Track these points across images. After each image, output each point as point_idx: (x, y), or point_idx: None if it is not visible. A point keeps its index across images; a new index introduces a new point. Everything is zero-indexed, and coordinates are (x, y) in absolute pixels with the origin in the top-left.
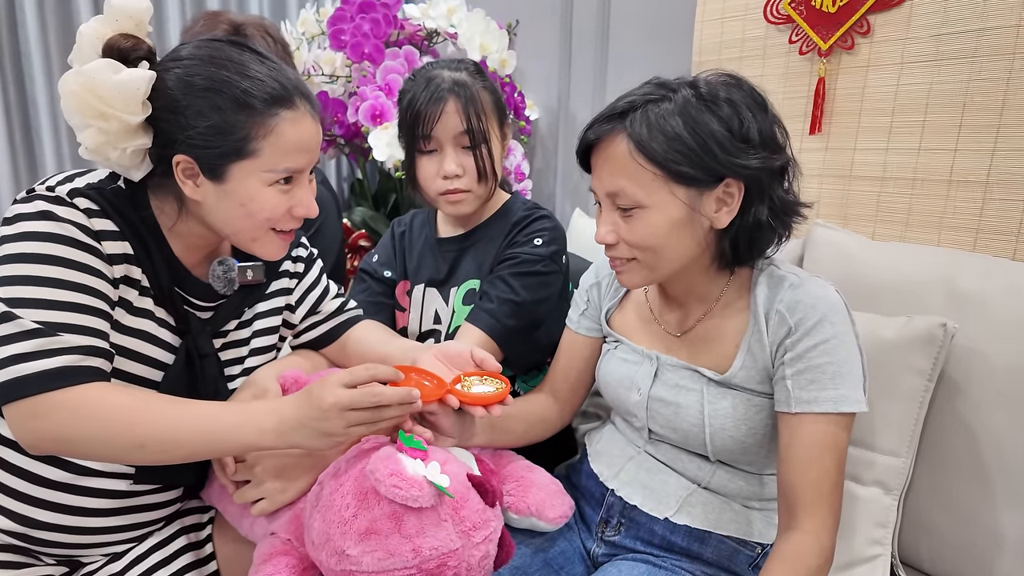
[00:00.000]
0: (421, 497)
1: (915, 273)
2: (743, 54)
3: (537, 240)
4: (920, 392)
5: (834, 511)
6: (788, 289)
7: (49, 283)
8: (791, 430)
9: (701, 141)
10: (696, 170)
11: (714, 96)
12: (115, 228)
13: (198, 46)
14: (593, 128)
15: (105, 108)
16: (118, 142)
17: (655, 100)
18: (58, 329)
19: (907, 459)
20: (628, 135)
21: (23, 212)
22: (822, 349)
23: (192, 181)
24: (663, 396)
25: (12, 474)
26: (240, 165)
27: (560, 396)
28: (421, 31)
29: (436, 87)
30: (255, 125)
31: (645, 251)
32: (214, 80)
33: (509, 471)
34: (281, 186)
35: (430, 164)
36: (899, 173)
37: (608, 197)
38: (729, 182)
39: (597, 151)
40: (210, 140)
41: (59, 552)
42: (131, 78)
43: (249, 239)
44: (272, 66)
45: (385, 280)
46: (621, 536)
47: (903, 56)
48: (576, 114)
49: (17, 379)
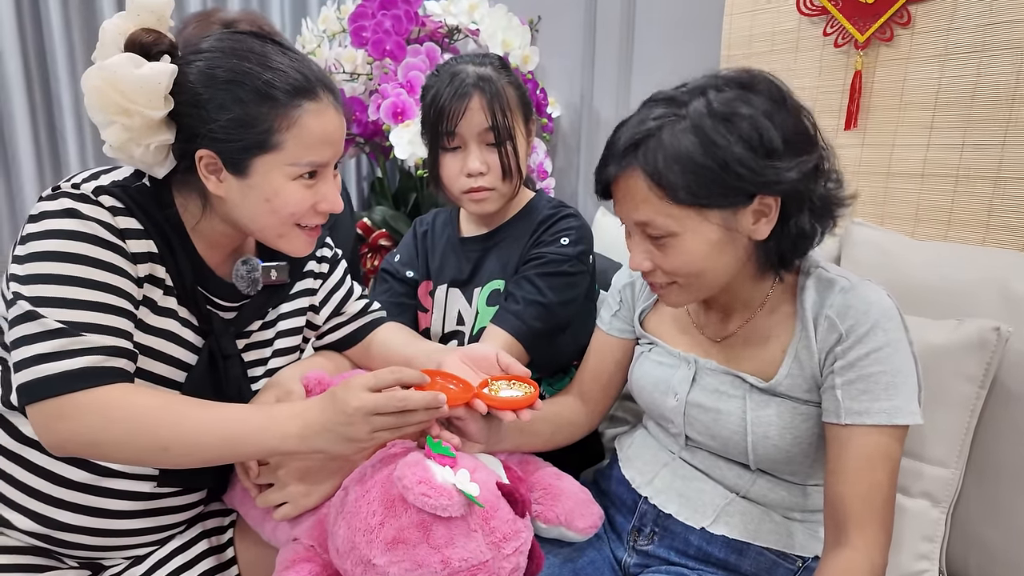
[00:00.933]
0: (451, 506)
1: (962, 274)
2: (774, 47)
3: (564, 239)
4: (971, 400)
5: (886, 527)
6: (838, 293)
7: (73, 282)
8: (840, 442)
9: (723, 164)
10: (724, 195)
11: (728, 111)
12: (140, 226)
13: (220, 38)
14: (607, 168)
15: (127, 104)
16: (141, 138)
17: (667, 123)
18: (81, 329)
19: (957, 470)
20: (644, 171)
21: (48, 210)
22: (875, 357)
23: (215, 176)
24: (702, 402)
25: (35, 474)
26: (263, 159)
27: (589, 399)
28: (442, 28)
29: (460, 82)
30: (278, 117)
31: (683, 275)
32: (236, 72)
33: (537, 478)
34: (305, 180)
35: (454, 162)
36: (941, 170)
37: (637, 226)
38: (763, 195)
39: (616, 185)
40: (232, 133)
41: (81, 554)
42: (153, 72)
43: (275, 236)
44: (295, 57)
45: (407, 280)
46: (654, 546)
47: (947, 47)
48: (600, 112)
49: (40, 379)
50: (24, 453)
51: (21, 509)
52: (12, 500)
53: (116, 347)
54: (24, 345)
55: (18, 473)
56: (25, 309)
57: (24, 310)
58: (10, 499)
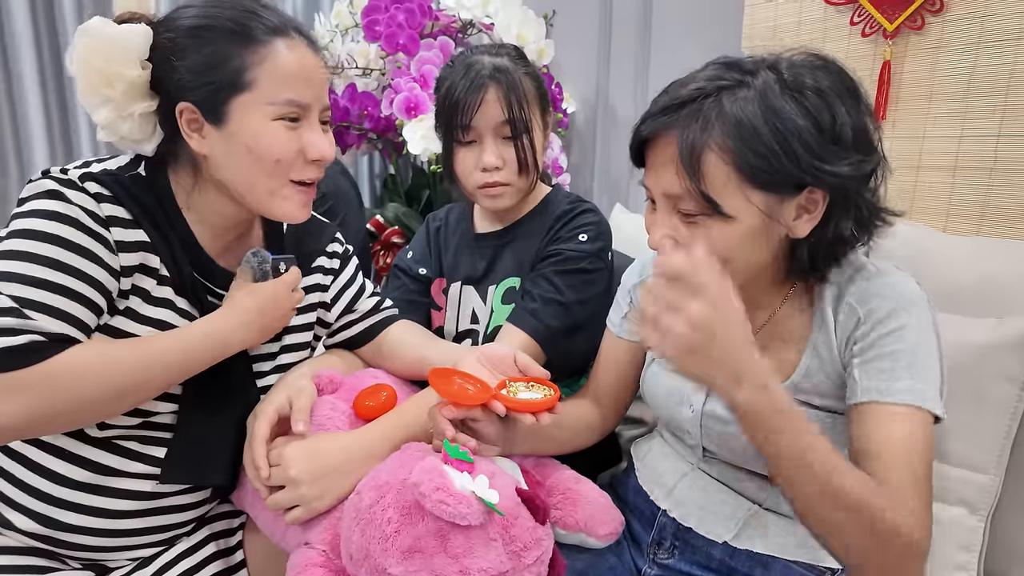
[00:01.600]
0: (470, 514)
1: (1001, 270)
2: (799, 38)
3: (582, 236)
4: (1012, 402)
5: (925, 502)
6: (861, 280)
7: (41, 261)
8: (861, 421)
9: (783, 140)
10: (776, 175)
11: (800, 82)
12: (127, 215)
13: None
14: (649, 122)
15: (107, 67)
16: (125, 107)
17: (728, 87)
18: (34, 308)
19: (996, 476)
20: (685, 135)
21: (34, 192)
22: (896, 336)
23: (198, 134)
24: (719, 412)
25: (36, 473)
26: (239, 100)
27: (603, 402)
28: (456, 22)
29: (476, 74)
30: (248, 53)
31: None
32: (204, 16)
33: (555, 483)
34: (287, 123)
35: (469, 156)
36: (974, 162)
37: (667, 199)
38: (813, 189)
39: (654, 147)
40: (204, 76)
41: (84, 555)
42: (128, 30)
43: (266, 193)
44: (271, 7)
45: (420, 277)
46: (675, 559)
47: (981, 35)
48: (616, 107)
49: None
50: (25, 451)
51: (22, 509)
52: (12, 500)
53: (64, 335)
54: None
55: (19, 472)
56: None
57: None
58: (11, 499)
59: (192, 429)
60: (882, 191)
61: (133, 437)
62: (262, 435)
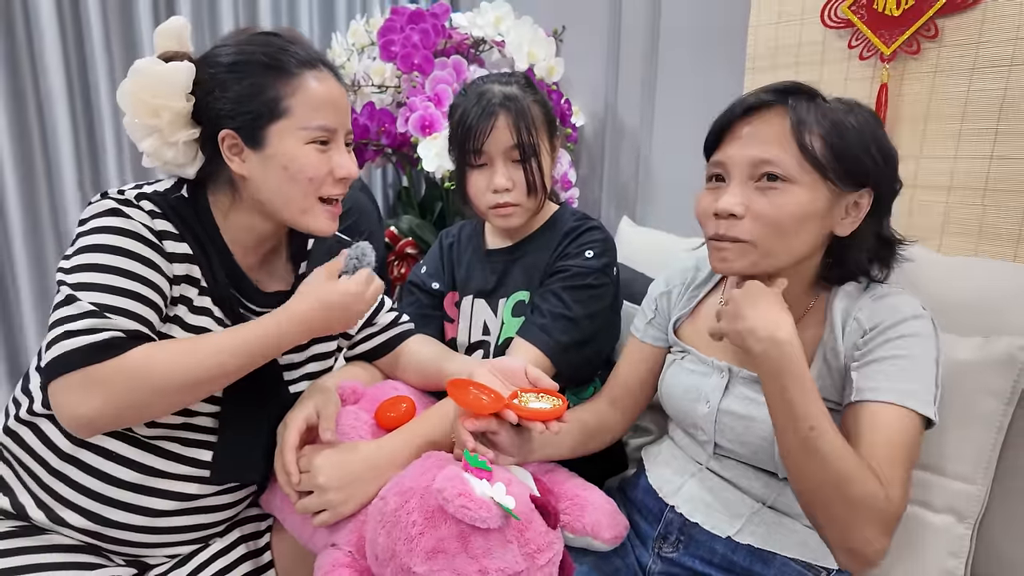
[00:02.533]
0: (489, 518)
1: (990, 290)
2: (800, 59)
3: (588, 252)
4: (998, 416)
5: (901, 475)
6: (870, 299)
7: (110, 271)
8: (851, 420)
9: (866, 143)
10: (855, 166)
11: (854, 106)
12: (175, 230)
13: (236, 35)
14: (749, 98)
15: (154, 100)
16: (170, 135)
17: (817, 95)
18: (111, 312)
19: (983, 486)
20: (793, 112)
21: (97, 212)
22: (895, 344)
23: (238, 157)
24: (734, 409)
25: (88, 474)
26: (276, 127)
27: (620, 405)
28: (468, 39)
29: (487, 102)
30: (283, 84)
31: (772, 231)
32: (242, 53)
33: (564, 490)
34: (318, 147)
35: (480, 178)
36: (969, 182)
37: (751, 166)
38: (863, 192)
39: (748, 121)
40: (244, 106)
41: (127, 551)
42: (174, 68)
43: (299, 211)
44: (300, 44)
45: (433, 292)
46: (679, 553)
47: (975, 61)
48: (624, 119)
49: (65, 353)
50: (78, 454)
51: (75, 507)
52: (66, 499)
53: (138, 332)
54: (57, 326)
55: (73, 473)
56: (66, 294)
57: (64, 295)
58: (65, 498)
59: (235, 431)
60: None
61: (176, 439)
62: (292, 443)
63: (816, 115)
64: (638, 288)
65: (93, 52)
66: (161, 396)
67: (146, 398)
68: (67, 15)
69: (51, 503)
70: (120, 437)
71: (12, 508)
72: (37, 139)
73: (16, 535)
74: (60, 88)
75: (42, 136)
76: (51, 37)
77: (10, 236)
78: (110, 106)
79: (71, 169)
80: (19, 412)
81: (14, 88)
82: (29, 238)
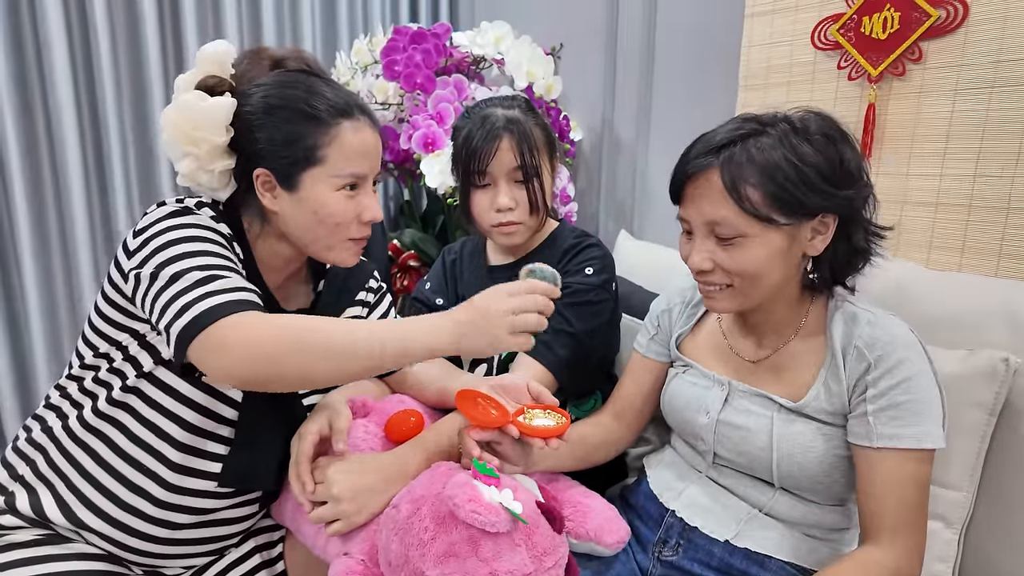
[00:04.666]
0: (498, 523)
1: (973, 304)
2: (791, 79)
3: (588, 269)
4: (982, 426)
5: (918, 540)
6: (866, 326)
7: (204, 254)
8: (871, 464)
9: (803, 174)
10: (797, 204)
11: (808, 129)
12: (229, 233)
13: (273, 75)
14: (689, 163)
15: (195, 133)
16: (208, 164)
17: (751, 134)
18: (222, 271)
19: (969, 493)
20: (725, 170)
21: (164, 214)
22: (904, 387)
23: (270, 193)
24: (732, 420)
25: (118, 481)
26: (310, 173)
27: (624, 419)
28: (469, 58)
29: (491, 125)
30: (320, 133)
31: (744, 278)
32: (283, 98)
33: (567, 497)
34: (347, 192)
35: (484, 198)
36: (954, 199)
37: (705, 225)
38: (826, 214)
39: (693, 183)
40: (282, 150)
41: (145, 561)
42: (216, 104)
43: (325, 247)
44: (337, 88)
45: (436, 308)
46: (679, 557)
47: (958, 82)
48: (620, 133)
49: (200, 314)
50: (111, 460)
51: (99, 512)
52: (93, 502)
53: (253, 290)
54: (173, 302)
55: (104, 479)
56: (170, 274)
57: (163, 281)
58: (91, 501)
59: (247, 437)
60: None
61: (204, 454)
62: (307, 454)
63: (748, 164)
64: (636, 301)
65: (101, 67)
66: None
67: (285, 351)
68: (75, 30)
69: (75, 505)
70: (152, 454)
71: (31, 507)
72: (45, 150)
73: (41, 543)
74: (68, 100)
75: (50, 147)
76: (60, 50)
77: (19, 246)
78: (116, 119)
79: (79, 180)
80: (67, 422)
81: (23, 102)
82: (37, 247)
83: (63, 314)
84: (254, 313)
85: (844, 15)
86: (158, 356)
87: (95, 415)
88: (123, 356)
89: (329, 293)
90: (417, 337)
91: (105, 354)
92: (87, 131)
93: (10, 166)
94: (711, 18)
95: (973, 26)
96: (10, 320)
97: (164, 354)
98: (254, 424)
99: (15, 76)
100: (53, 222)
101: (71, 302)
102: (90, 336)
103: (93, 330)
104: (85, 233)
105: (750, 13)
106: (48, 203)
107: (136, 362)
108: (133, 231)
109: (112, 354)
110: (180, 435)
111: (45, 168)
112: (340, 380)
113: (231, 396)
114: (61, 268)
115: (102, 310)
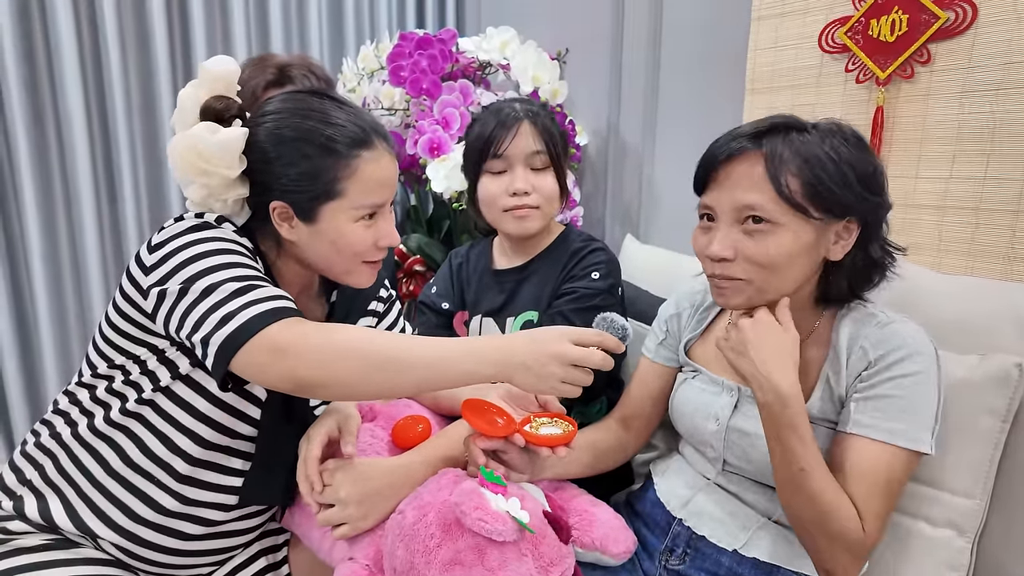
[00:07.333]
0: (505, 531)
1: (984, 308)
2: (797, 82)
3: (595, 274)
4: (995, 433)
5: (875, 510)
6: (875, 327)
7: (236, 266)
8: (842, 449)
9: (842, 172)
10: (832, 200)
11: (844, 132)
12: (251, 246)
13: (283, 99)
14: (723, 147)
15: (206, 166)
16: (220, 194)
17: (793, 128)
18: (255, 282)
19: (982, 501)
20: (767, 155)
21: (185, 228)
22: (897, 383)
23: (287, 224)
24: (742, 427)
25: (129, 492)
26: (329, 206)
27: (632, 425)
28: (474, 63)
29: (508, 113)
30: (340, 167)
31: (764, 270)
32: (300, 130)
33: (573, 506)
34: (366, 221)
35: (498, 184)
36: (962, 202)
37: (735, 211)
38: (850, 218)
39: (726, 168)
40: (301, 185)
41: (153, 570)
42: (227, 138)
43: (342, 272)
44: (350, 110)
45: (443, 312)
46: (686, 566)
47: (966, 85)
48: (626, 138)
49: (243, 324)
50: (124, 473)
51: (108, 521)
52: (101, 510)
53: (290, 298)
54: (211, 314)
55: (115, 489)
56: (204, 287)
57: (196, 295)
58: (101, 510)
59: (268, 459)
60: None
61: (216, 467)
62: (315, 456)
63: (790, 153)
64: (642, 305)
65: (111, 74)
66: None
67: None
68: (86, 38)
69: (84, 512)
70: (165, 468)
71: (39, 513)
72: (55, 158)
73: (50, 548)
74: (79, 108)
75: (60, 155)
76: (70, 58)
77: (29, 252)
78: (126, 127)
79: (88, 187)
80: (77, 429)
81: (34, 110)
82: (47, 253)
83: (72, 320)
84: (302, 319)
85: (852, 18)
86: (176, 371)
87: (107, 424)
88: (140, 370)
89: (342, 304)
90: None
91: (121, 366)
92: (97, 139)
93: (21, 174)
94: (717, 21)
95: (982, 28)
96: (20, 325)
97: (182, 369)
98: (273, 443)
99: (26, 84)
100: (63, 229)
101: (80, 308)
102: (104, 348)
103: (107, 342)
104: (94, 240)
105: (756, 16)
106: (58, 210)
107: (154, 376)
108: (148, 245)
109: (128, 367)
110: (193, 449)
111: (55, 176)
112: (390, 393)
113: (249, 414)
114: (71, 274)
115: (116, 324)
